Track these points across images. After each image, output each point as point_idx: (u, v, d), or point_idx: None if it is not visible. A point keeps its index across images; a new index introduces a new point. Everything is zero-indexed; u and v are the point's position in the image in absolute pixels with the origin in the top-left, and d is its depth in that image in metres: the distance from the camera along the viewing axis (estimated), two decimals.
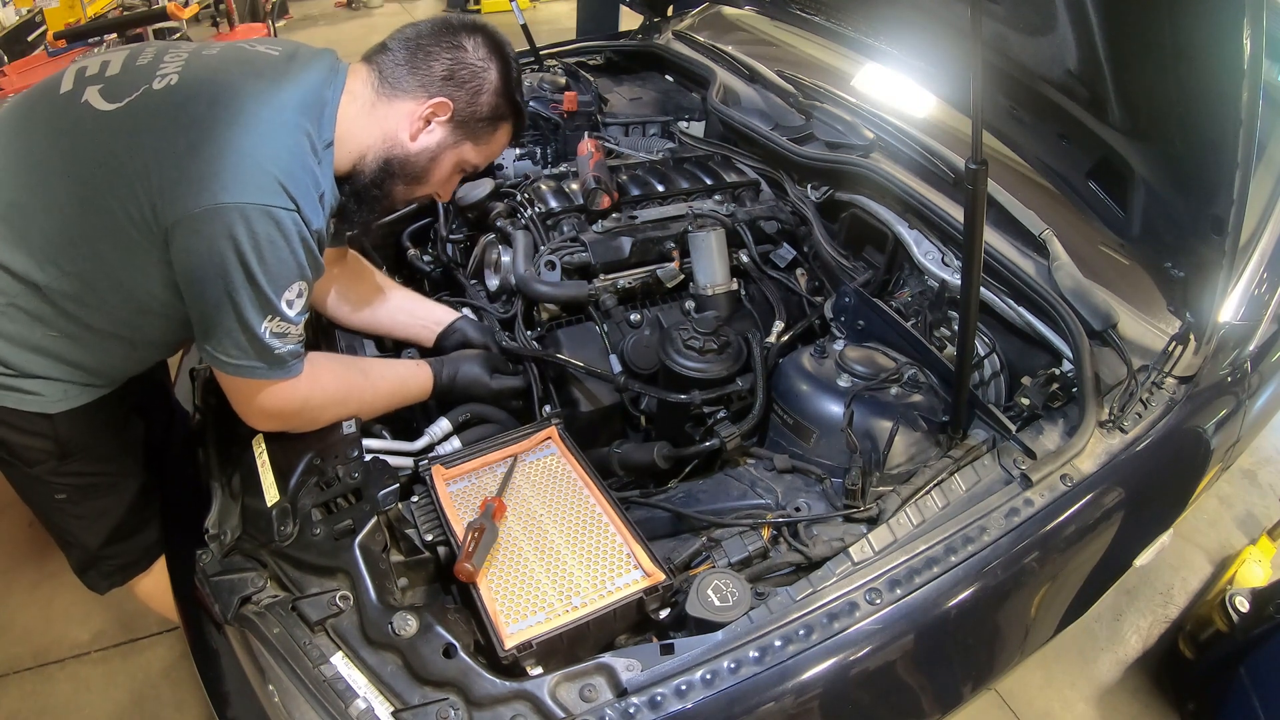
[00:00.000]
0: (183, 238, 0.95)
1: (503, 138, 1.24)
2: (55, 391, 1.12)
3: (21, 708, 1.79)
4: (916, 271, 1.54)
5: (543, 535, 1.04)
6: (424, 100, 1.12)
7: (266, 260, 0.96)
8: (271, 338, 1.00)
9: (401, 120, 1.13)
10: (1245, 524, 2.41)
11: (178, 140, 0.96)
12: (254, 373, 1.03)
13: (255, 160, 0.95)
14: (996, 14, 1.13)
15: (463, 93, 1.14)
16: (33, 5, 3.89)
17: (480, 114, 1.17)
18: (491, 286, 1.65)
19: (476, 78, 1.14)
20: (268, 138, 0.98)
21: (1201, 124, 0.96)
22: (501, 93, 1.17)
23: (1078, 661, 1.97)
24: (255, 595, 1.01)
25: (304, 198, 0.99)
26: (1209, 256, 1.07)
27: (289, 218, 0.96)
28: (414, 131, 1.14)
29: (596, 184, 1.57)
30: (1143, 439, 1.18)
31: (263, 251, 0.95)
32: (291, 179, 0.97)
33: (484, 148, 1.23)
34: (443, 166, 1.20)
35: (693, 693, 0.86)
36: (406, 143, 1.14)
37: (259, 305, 0.98)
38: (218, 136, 0.95)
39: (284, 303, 1.00)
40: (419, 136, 1.15)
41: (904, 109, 1.88)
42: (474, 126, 1.18)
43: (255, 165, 0.95)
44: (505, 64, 1.17)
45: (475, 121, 1.17)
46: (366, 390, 1.21)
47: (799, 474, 1.23)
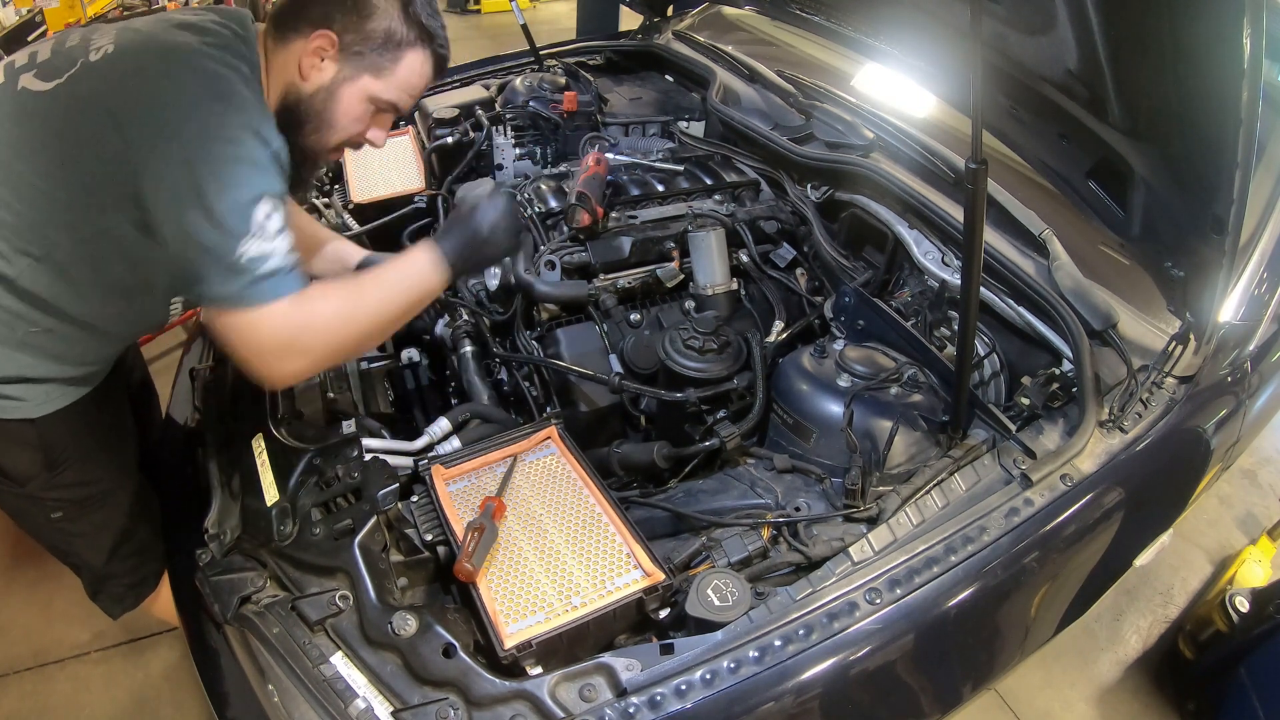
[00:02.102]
0: (150, 185, 0.96)
1: (413, 65, 1.13)
2: (37, 394, 1.11)
3: (21, 708, 1.79)
4: (916, 271, 1.54)
5: (542, 535, 1.04)
6: (308, 37, 1.07)
7: (225, 184, 0.95)
8: (250, 261, 0.96)
9: (291, 63, 1.09)
10: (1245, 524, 2.41)
11: (128, 92, 0.97)
12: (241, 300, 0.97)
13: (206, 92, 0.97)
14: (996, 14, 1.12)
15: (346, 20, 1.07)
16: (33, 5, 3.89)
17: (372, 41, 1.09)
18: (491, 286, 1.65)
19: (358, 5, 1.07)
20: (215, 77, 0.98)
21: (1201, 124, 0.96)
22: (395, 13, 1.09)
23: (1078, 661, 1.97)
24: (255, 595, 1.01)
25: (259, 120, 0.99)
26: (1209, 256, 1.07)
27: (249, 139, 0.97)
28: (304, 71, 1.09)
29: (579, 201, 1.55)
30: (1143, 439, 1.18)
31: (220, 176, 0.94)
32: (243, 106, 0.98)
33: (389, 79, 1.13)
34: (345, 104, 1.12)
35: (692, 693, 0.86)
36: (300, 85, 1.10)
37: (232, 228, 0.95)
38: (172, 79, 0.97)
39: (255, 222, 0.96)
40: (310, 75, 1.09)
41: (904, 109, 1.88)
42: (369, 56, 1.10)
43: (207, 96, 0.97)
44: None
45: (369, 51, 1.09)
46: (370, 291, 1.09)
47: (799, 474, 1.23)
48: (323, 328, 1.03)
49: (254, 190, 0.97)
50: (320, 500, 1.07)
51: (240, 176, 0.96)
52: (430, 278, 1.13)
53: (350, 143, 1.19)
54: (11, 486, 1.17)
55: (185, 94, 0.96)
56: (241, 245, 0.95)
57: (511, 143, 1.98)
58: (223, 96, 0.97)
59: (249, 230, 0.96)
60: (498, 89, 2.17)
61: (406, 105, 1.18)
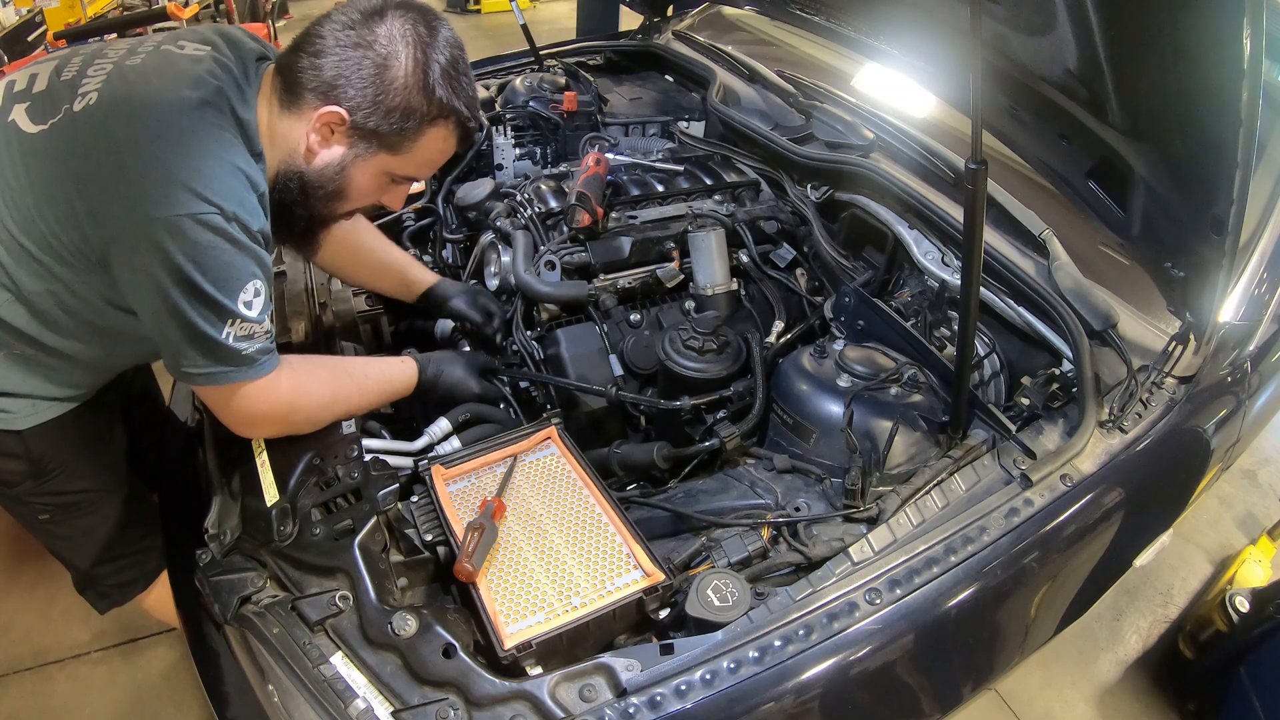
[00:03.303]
0: (119, 261, 0.92)
1: (434, 142, 1.05)
2: (23, 408, 1.11)
3: (21, 708, 1.79)
4: (916, 271, 1.53)
5: (542, 535, 1.04)
6: (317, 108, 0.98)
7: (208, 269, 0.90)
8: (236, 341, 0.96)
9: (298, 136, 1.01)
10: (1245, 524, 2.41)
11: (99, 162, 0.91)
12: (227, 377, 0.98)
13: (179, 172, 0.89)
14: (996, 14, 1.12)
15: (360, 97, 0.97)
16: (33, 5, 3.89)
17: (390, 118, 0.99)
18: (492, 286, 1.65)
19: (377, 77, 0.97)
20: (192, 148, 0.91)
21: (1201, 124, 0.96)
22: (419, 89, 0.98)
23: (1078, 661, 1.97)
24: (255, 595, 1.01)
25: (236, 200, 0.92)
26: (1209, 256, 1.07)
27: (222, 222, 0.90)
28: (311, 147, 1.01)
29: (579, 201, 1.55)
30: (1143, 439, 1.18)
31: (202, 261, 0.90)
32: (219, 184, 0.91)
33: (409, 156, 1.05)
34: (360, 181, 1.06)
35: (692, 693, 0.86)
36: (309, 158, 1.03)
37: (215, 313, 0.93)
38: (139, 153, 0.90)
39: (241, 305, 0.94)
40: (318, 152, 1.02)
41: (904, 109, 1.88)
42: (385, 134, 1.01)
43: (180, 176, 0.89)
44: (421, 50, 0.98)
45: (386, 128, 1.00)
46: (352, 388, 1.18)
47: (799, 474, 1.23)
48: (303, 410, 1.10)
49: (237, 275, 0.93)
50: (320, 500, 1.06)
51: (221, 263, 0.91)
52: (406, 388, 1.28)
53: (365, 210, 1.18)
54: (1, 489, 1.18)
55: (156, 173, 0.89)
56: (225, 330, 0.94)
57: (511, 143, 1.98)
58: (199, 175, 0.90)
59: (234, 315, 0.94)
60: (498, 89, 2.17)
61: (427, 176, 1.13)
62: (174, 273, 0.90)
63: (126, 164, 0.90)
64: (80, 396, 1.18)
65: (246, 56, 1.05)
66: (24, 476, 1.17)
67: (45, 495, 1.20)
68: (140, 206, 0.88)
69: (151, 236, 0.88)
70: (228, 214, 0.91)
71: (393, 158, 1.05)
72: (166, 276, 0.90)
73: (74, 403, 1.17)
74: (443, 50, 1.00)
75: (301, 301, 1.47)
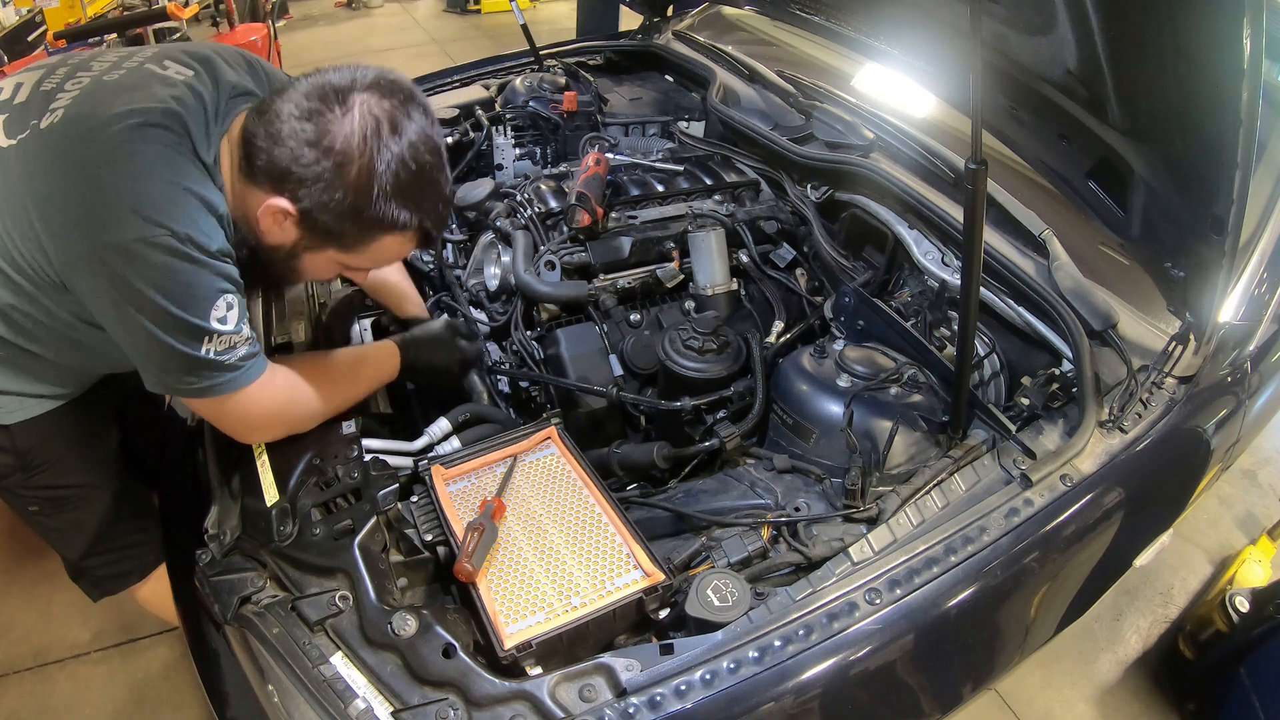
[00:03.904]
0: (81, 284, 0.91)
1: (391, 247, 1.02)
2: (10, 404, 1.12)
3: (21, 708, 1.79)
4: (916, 271, 1.54)
5: (542, 535, 1.04)
6: (268, 194, 0.95)
7: (170, 291, 0.88)
8: (218, 355, 0.94)
9: (251, 209, 0.98)
10: (1245, 524, 2.41)
11: (54, 185, 0.89)
12: (216, 389, 0.97)
13: (128, 196, 0.87)
14: (996, 14, 1.13)
15: (309, 195, 0.93)
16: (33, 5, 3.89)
17: (340, 220, 0.95)
18: (492, 286, 1.65)
19: (330, 180, 0.92)
20: (141, 171, 0.89)
21: (1201, 124, 0.96)
22: (370, 196, 0.93)
23: (1078, 661, 1.97)
24: (255, 595, 1.01)
25: (188, 221, 0.89)
26: (1209, 256, 1.07)
27: (174, 243, 0.88)
28: (264, 227, 0.99)
29: (579, 201, 1.55)
30: (1143, 439, 1.18)
31: (162, 284, 0.88)
32: (169, 206, 0.88)
33: (361, 255, 1.02)
34: (309, 266, 1.05)
35: (692, 693, 0.86)
36: (261, 235, 1.00)
37: (190, 333, 0.91)
38: (88, 177, 0.88)
39: (214, 321, 0.92)
40: (270, 232, 0.99)
41: (904, 109, 1.88)
42: (336, 234, 0.97)
43: (127, 201, 0.87)
44: (382, 160, 0.93)
45: (336, 229, 0.97)
46: (346, 380, 1.19)
47: (799, 474, 1.23)
48: (299, 409, 1.11)
49: (202, 293, 0.91)
50: (320, 500, 1.07)
51: (182, 284, 0.89)
52: (391, 374, 1.29)
53: None
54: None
55: (105, 197, 0.87)
56: (204, 347, 0.93)
57: (511, 143, 1.98)
58: (148, 199, 0.87)
59: (208, 331, 0.92)
60: (498, 89, 2.17)
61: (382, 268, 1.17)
62: (136, 298, 0.88)
63: (77, 188, 0.88)
64: (68, 395, 1.18)
65: (223, 90, 1.01)
66: (12, 470, 1.18)
67: (34, 489, 1.21)
68: (90, 232, 0.87)
69: (106, 263, 0.87)
70: (179, 235, 0.88)
71: (344, 254, 1.02)
72: (129, 303, 0.89)
73: (62, 400, 1.18)
74: (406, 153, 0.94)
75: (301, 301, 1.47)
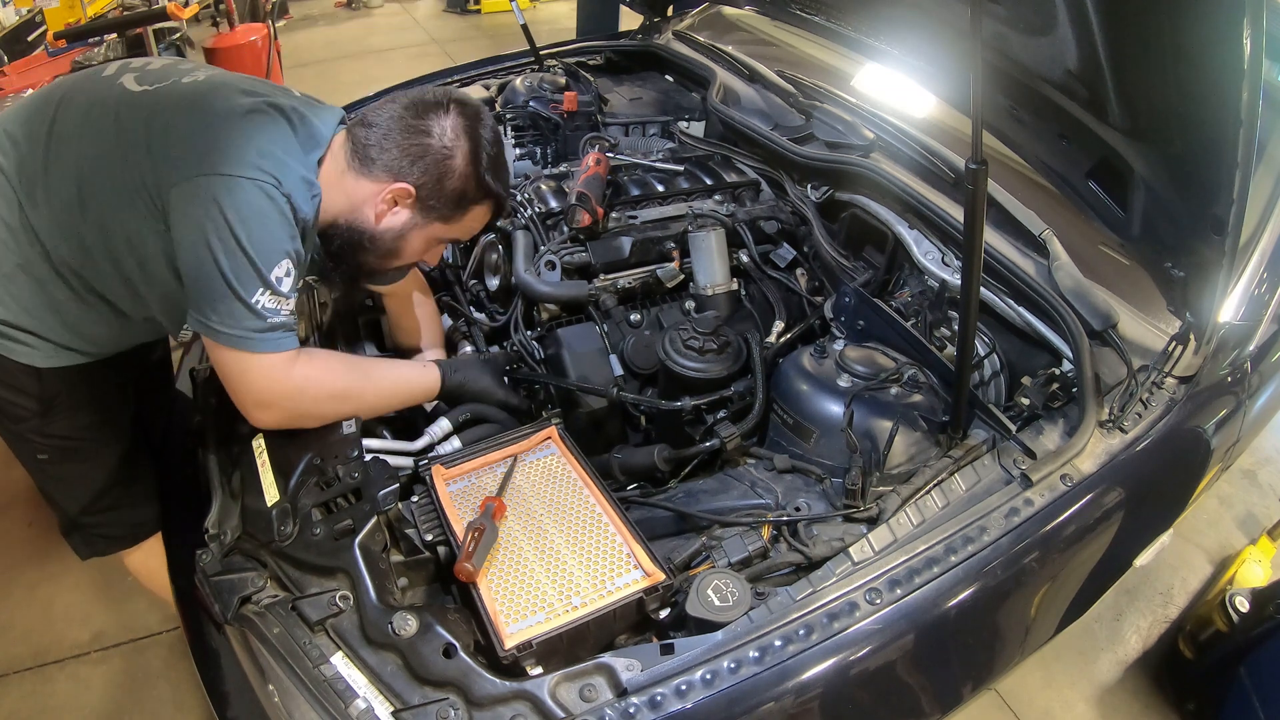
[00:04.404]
0: (178, 204, 1.01)
1: (478, 215, 1.24)
2: (47, 349, 1.17)
3: (21, 708, 1.79)
4: (916, 271, 1.54)
5: (543, 535, 1.04)
6: (388, 184, 1.14)
7: (253, 231, 1.00)
8: (265, 309, 1.03)
9: (367, 199, 1.16)
10: (1245, 524, 2.41)
11: (189, 117, 1.05)
12: (244, 343, 1.04)
13: (253, 144, 1.02)
14: (996, 14, 1.13)
15: (426, 178, 1.15)
16: (33, 5, 3.88)
17: (446, 198, 1.17)
18: (491, 287, 1.65)
19: (440, 164, 1.15)
20: (274, 135, 1.06)
21: (1201, 124, 0.96)
22: (470, 176, 1.17)
23: (1078, 661, 1.97)
24: (255, 595, 1.01)
25: (294, 183, 1.05)
26: (1209, 256, 1.07)
27: (277, 194, 1.02)
28: (379, 213, 1.17)
29: (579, 201, 1.55)
30: (1143, 439, 1.18)
31: (249, 222, 1.00)
32: (284, 167, 1.04)
33: (457, 225, 1.23)
34: (413, 244, 1.22)
35: (693, 693, 0.86)
36: (372, 222, 1.18)
37: (251, 274, 1.01)
38: (225, 121, 1.04)
39: (274, 277, 1.03)
40: (384, 218, 1.18)
41: (904, 109, 1.88)
42: (441, 209, 1.19)
43: (251, 147, 1.02)
44: (475, 146, 1.17)
45: (442, 205, 1.18)
46: (367, 389, 1.20)
47: (799, 474, 1.23)
48: (311, 401, 1.12)
49: (276, 245, 1.03)
50: (320, 500, 1.06)
51: (265, 229, 1.01)
52: (426, 394, 1.30)
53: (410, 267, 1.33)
54: (6, 422, 1.23)
55: (234, 138, 1.02)
56: (258, 294, 1.02)
57: (511, 143, 1.98)
58: (269, 154, 1.03)
59: (267, 282, 1.02)
60: (498, 89, 2.17)
61: (468, 239, 1.31)
62: (221, 227, 0.99)
63: (211, 125, 1.04)
64: (98, 354, 1.24)
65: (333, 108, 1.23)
66: (31, 414, 1.22)
67: (48, 435, 1.25)
68: (209, 160, 1.00)
69: (210, 188, 0.99)
70: (284, 190, 1.03)
71: (445, 227, 1.22)
72: (214, 229, 0.99)
73: (92, 357, 1.23)
74: (490, 146, 1.19)
75: (302, 301, 1.47)
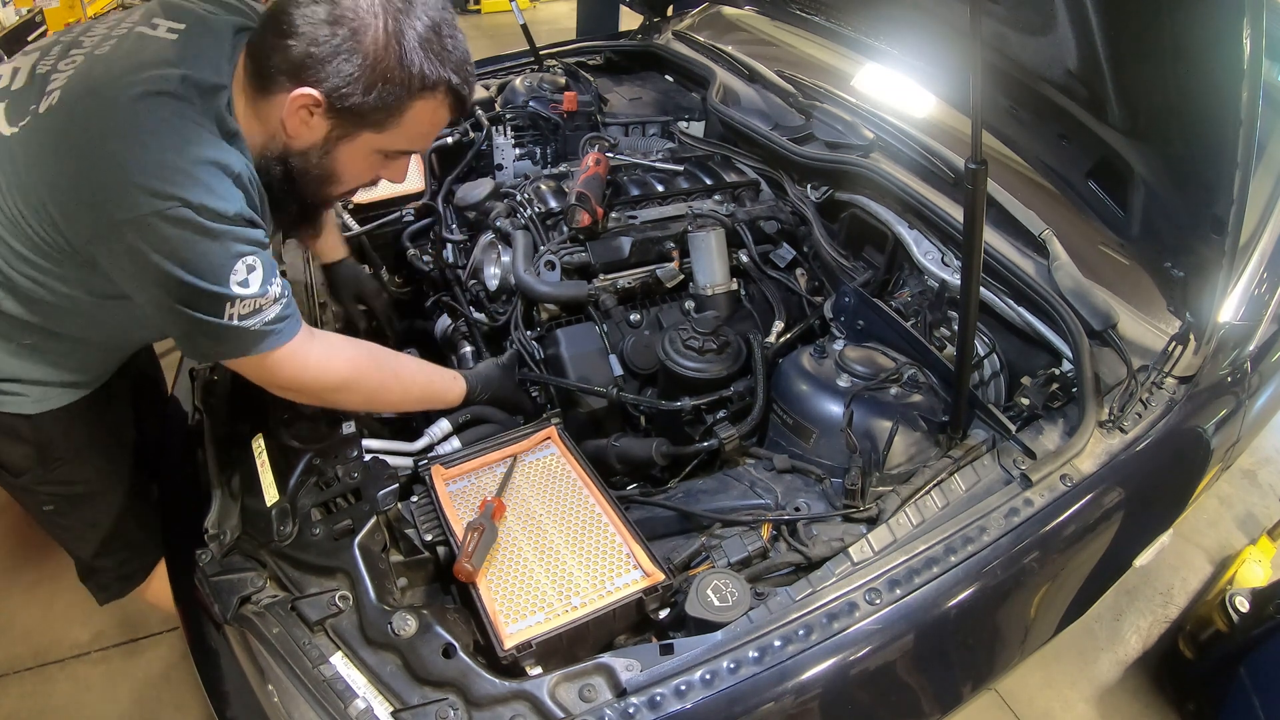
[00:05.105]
0: (105, 261, 0.92)
1: (421, 114, 0.99)
2: (35, 392, 1.12)
3: (21, 708, 1.79)
4: (916, 271, 1.53)
5: (542, 535, 1.04)
6: (288, 91, 0.94)
7: (187, 262, 0.89)
8: (241, 321, 0.94)
9: (275, 120, 0.97)
10: (1245, 524, 2.41)
11: (62, 167, 0.90)
12: (241, 352, 0.97)
13: (137, 171, 0.86)
14: (996, 14, 1.12)
15: (333, 76, 0.92)
16: (33, 5, 3.88)
17: (368, 94, 0.93)
18: (492, 287, 1.65)
19: (349, 53, 0.91)
20: (149, 143, 0.88)
21: (1201, 124, 0.96)
22: (396, 62, 0.92)
23: (1078, 661, 1.97)
24: (255, 595, 1.01)
25: (203, 189, 0.88)
26: (1209, 256, 1.07)
27: (190, 214, 0.87)
28: (293, 131, 0.98)
29: (579, 201, 1.55)
30: (1143, 439, 1.18)
31: (179, 255, 0.88)
32: (180, 176, 0.87)
33: (397, 132, 1.00)
34: (346, 160, 1.03)
35: (692, 693, 0.86)
36: (290, 142, 0.99)
37: (210, 301, 0.91)
38: (96, 156, 0.88)
39: (234, 286, 0.91)
40: (301, 135, 0.98)
41: (904, 109, 1.88)
42: (367, 113, 0.96)
43: (137, 177, 0.86)
44: (395, 21, 0.92)
45: (365, 107, 0.95)
46: (391, 386, 1.16)
47: (799, 474, 1.23)
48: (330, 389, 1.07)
49: (220, 261, 0.90)
50: (320, 500, 1.07)
51: (198, 254, 0.89)
52: (450, 401, 1.27)
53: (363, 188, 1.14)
54: (7, 476, 1.19)
55: (115, 174, 0.87)
56: (226, 313, 0.93)
57: (511, 143, 1.98)
58: (158, 171, 0.86)
59: (229, 298, 0.92)
60: (498, 89, 2.17)
61: (425, 148, 1.10)
62: (155, 271, 0.89)
63: (87, 168, 0.88)
64: (91, 383, 1.19)
65: (222, 32, 0.99)
66: (31, 464, 1.17)
67: (51, 485, 1.21)
68: (105, 210, 0.87)
69: (122, 239, 0.88)
70: (194, 205, 0.87)
71: (379, 135, 0.99)
72: (150, 275, 0.89)
73: (84, 389, 1.18)
74: (419, 15, 0.94)
75: (302, 301, 1.47)
